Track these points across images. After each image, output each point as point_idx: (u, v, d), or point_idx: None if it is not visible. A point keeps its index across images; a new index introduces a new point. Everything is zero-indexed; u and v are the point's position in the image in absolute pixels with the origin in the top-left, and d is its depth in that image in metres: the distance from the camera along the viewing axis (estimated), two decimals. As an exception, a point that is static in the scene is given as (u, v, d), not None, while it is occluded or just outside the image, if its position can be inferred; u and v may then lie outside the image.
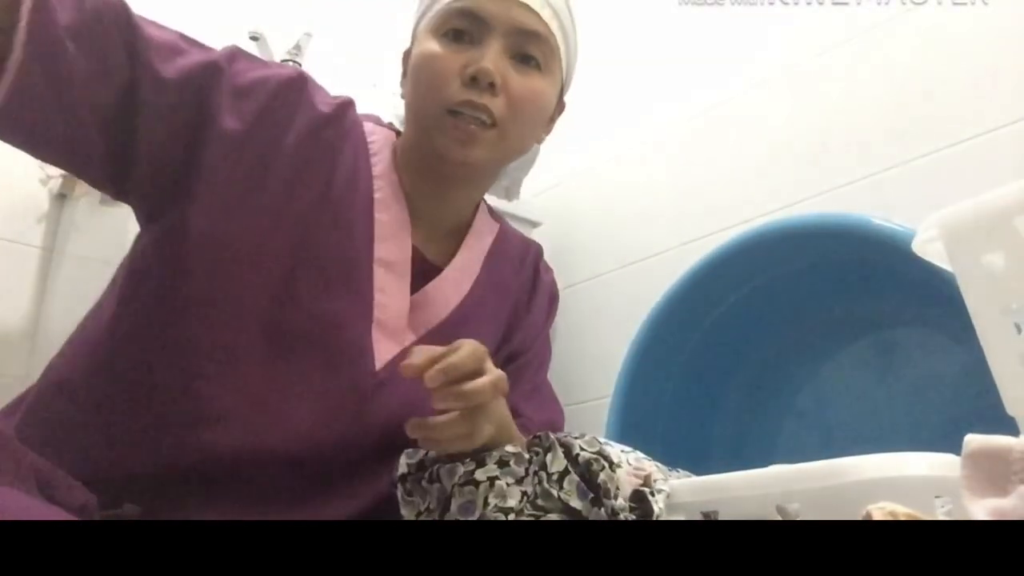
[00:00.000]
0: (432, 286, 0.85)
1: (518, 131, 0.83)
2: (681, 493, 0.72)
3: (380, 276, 0.80)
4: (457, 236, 0.91)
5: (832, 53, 1.37)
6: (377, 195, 0.82)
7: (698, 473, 0.79)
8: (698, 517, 0.68)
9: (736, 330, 1.28)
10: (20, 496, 0.51)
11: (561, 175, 1.85)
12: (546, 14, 0.82)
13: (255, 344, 0.74)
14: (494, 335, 0.92)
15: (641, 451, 0.83)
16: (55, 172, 1.46)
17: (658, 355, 1.28)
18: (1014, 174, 0.62)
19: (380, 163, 0.84)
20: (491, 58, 0.78)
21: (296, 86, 0.80)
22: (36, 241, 1.52)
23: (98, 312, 0.81)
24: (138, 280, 0.77)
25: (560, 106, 0.94)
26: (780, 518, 0.60)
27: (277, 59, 1.61)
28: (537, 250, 1.03)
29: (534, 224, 1.74)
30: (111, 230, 1.31)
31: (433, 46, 0.80)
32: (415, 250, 0.84)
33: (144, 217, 0.80)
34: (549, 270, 1.03)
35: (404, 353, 0.79)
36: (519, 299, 0.97)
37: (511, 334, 0.95)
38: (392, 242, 0.81)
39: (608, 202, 1.74)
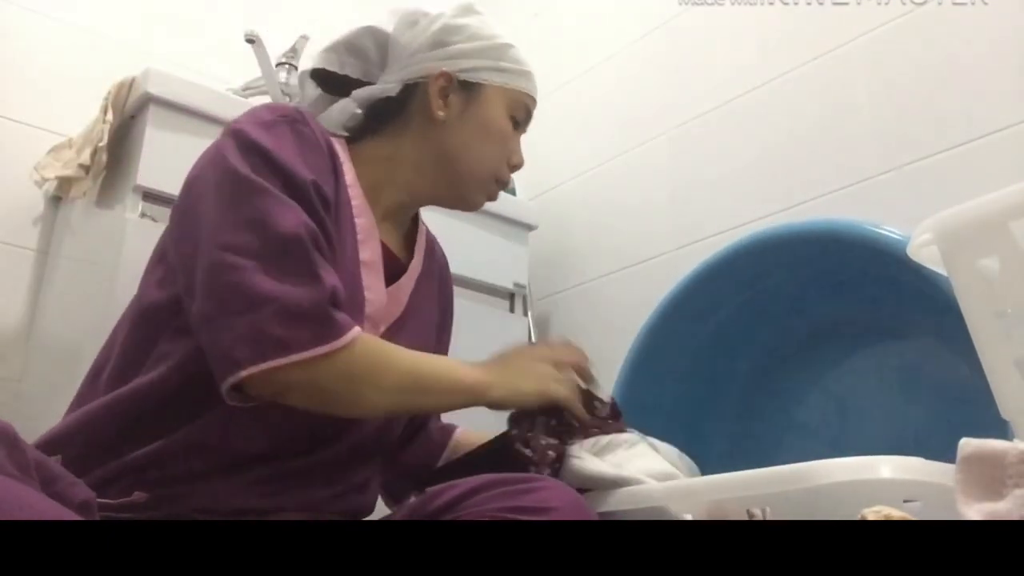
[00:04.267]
0: (401, 282, 0.96)
1: None
2: (655, 496, 0.73)
3: (365, 275, 0.89)
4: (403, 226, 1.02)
5: (828, 57, 1.37)
6: (354, 202, 0.90)
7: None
8: (673, 519, 0.69)
9: (735, 336, 1.28)
10: (23, 489, 0.52)
11: (557, 179, 1.85)
12: None
13: None
14: (434, 317, 1.04)
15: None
16: (50, 174, 1.45)
17: (657, 359, 1.28)
18: (1008, 178, 0.62)
19: (349, 171, 0.92)
20: (521, 153, 1.02)
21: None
22: (31, 243, 1.52)
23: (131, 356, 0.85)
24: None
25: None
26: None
27: (273, 62, 1.61)
28: (432, 235, 1.11)
29: (530, 227, 1.74)
30: (106, 232, 1.31)
31: (507, 125, 0.98)
32: (383, 245, 0.94)
33: None
34: (439, 245, 1.12)
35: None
36: (441, 279, 1.08)
37: (444, 313, 1.08)
38: (369, 244, 0.90)
39: (604, 206, 1.74)
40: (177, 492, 0.77)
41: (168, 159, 1.28)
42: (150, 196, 1.26)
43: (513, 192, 1.84)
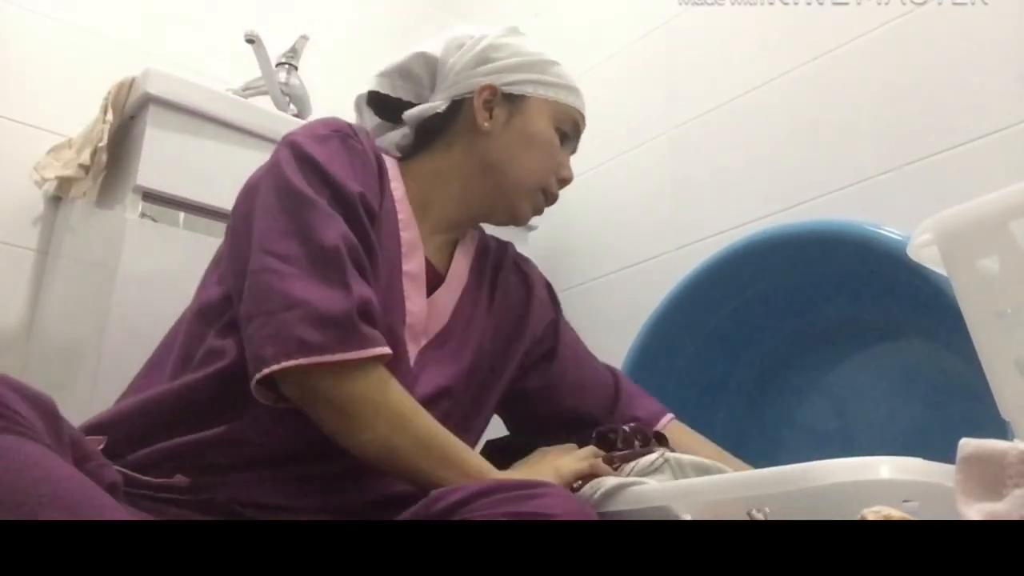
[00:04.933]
0: (437, 295, 0.97)
1: None
2: (655, 497, 0.73)
3: (407, 286, 0.92)
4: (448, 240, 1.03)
5: (827, 57, 1.37)
6: (401, 216, 0.94)
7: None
8: (674, 519, 0.69)
9: (734, 336, 1.28)
10: (55, 460, 0.56)
11: (557, 178, 1.85)
12: None
13: None
14: (492, 333, 1.02)
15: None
16: (50, 174, 1.45)
17: (657, 360, 1.28)
18: (1008, 178, 0.62)
19: (398, 187, 0.96)
20: (570, 167, 1.05)
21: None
22: (31, 243, 1.52)
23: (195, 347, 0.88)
24: None
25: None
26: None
27: (273, 62, 1.61)
28: (512, 249, 1.13)
29: (529, 227, 1.74)
30: (106, 232, 1.31)
31: (552, 137, 1.01)
32: (427, 261, 0.97)
33: None
34: (527, 260, 1.14)
35: (422, 353, 0.93)
36: (517, 297, 1.07)
37: (523, 329, 1.06)
38: (413, 257, 0.94)
39: (603, 206, 1.73)
40: (216, 481, 0.80)
41: (168, 159, 1.28)
42: (150, 196, 1.26)
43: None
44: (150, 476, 0.78)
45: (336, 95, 1.92)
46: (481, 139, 0.99)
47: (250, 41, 1.53)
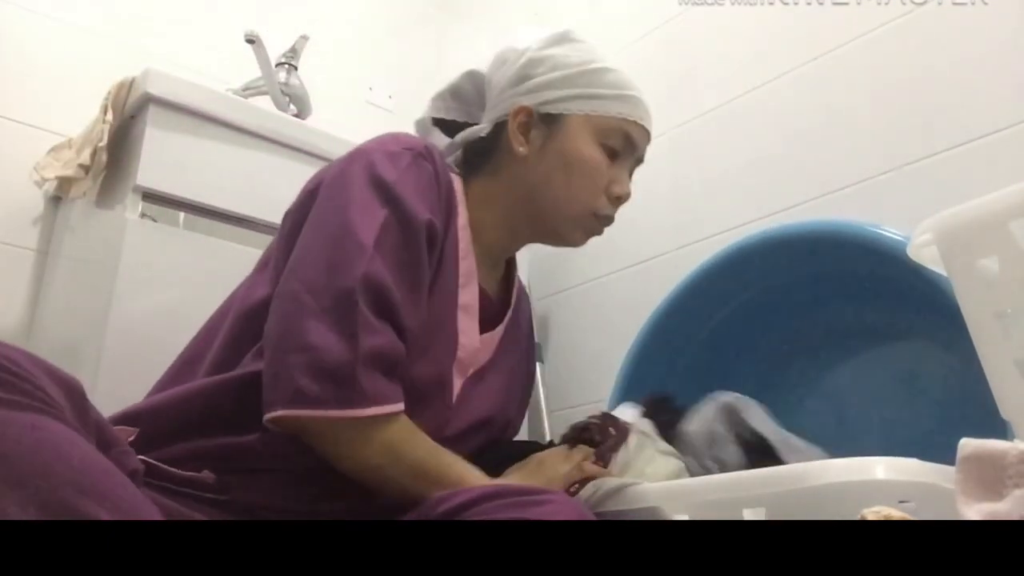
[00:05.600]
0: (496, 329, 0.95)
1: None
2: (650, 497, 0.73)
3: (461, 319, 0.89)
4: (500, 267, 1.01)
5: (827, 57, 1.37)
6: (461, 244, 0.91)
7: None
8: (670, 519, 0.69)
9: (734, 336, 1.28)
10: (79, 441, 0.56)
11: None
12: None
13: None
14: (520, 367, 1.01)
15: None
16: (50, 174, 1.45)
17: (657, 360, 1.28)
18: (1008, 178, 0.62)
19: (462, 214, 0.92)
20: (627, 182, 0.98)
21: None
22: (31, 243, 1.52)
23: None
24: None
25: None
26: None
27: (272, 62, 1.61)
28: (522, 282, 1.10)
29: (530, 227, 1.75)
30: (105, 232, 1.31)
31: (595, 155, 0.93)
32: (480, 290, 0.94)
33: None
34: (525, 292, 1.12)
35: (467, 387, 0.91)
36: (529, 335, 1.07)
37: (530, 364, 1.06)
38: (469, 287, 0.91)
39: (604, 206, 1.73)
40: (241, 482, 0.80)
41: (168, 159, 1.28)
42: (150, 196, 1.26)
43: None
44: (178, 467, 0.78)
45: (336, 95, 1.93)
46: (519, 165, 0.94)
47: (250, 41, 1.53)
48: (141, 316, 1.18)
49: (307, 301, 0.78)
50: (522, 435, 1.61)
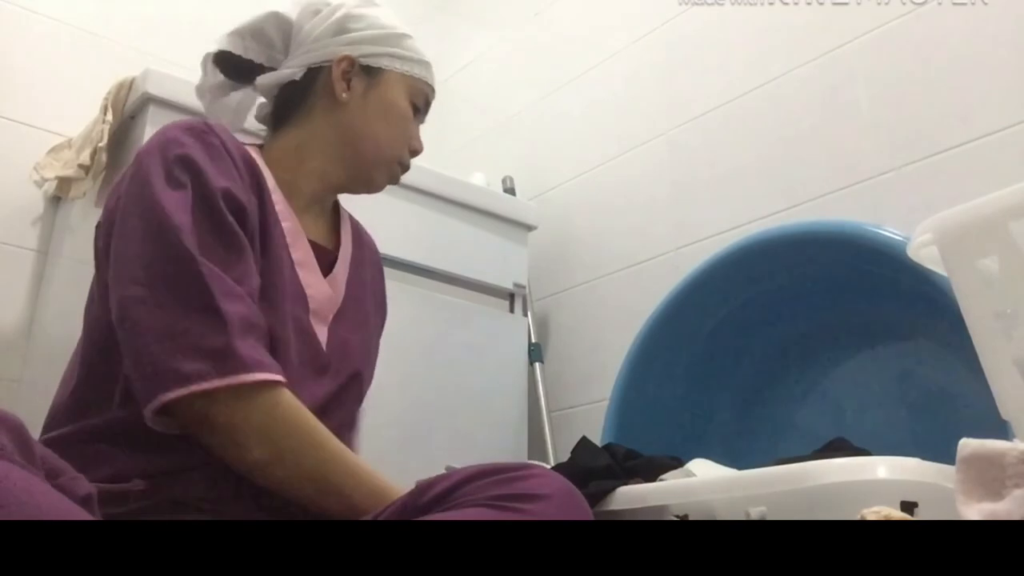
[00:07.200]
0: (335, 274, 0.98)
1: None
2: (653, 496, 0.73)
3: (303, 275, 0.93)
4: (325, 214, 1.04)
5: (827, 57, 1.37)
6: (278, 207, 0.93)
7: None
8: (671, 518, 0.69)
9: (734, 336, 1.28)
10: (30, 479, 0.54)
11: (557, 179, 1.85)
12: None
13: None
14: (370, 308, 1.04)
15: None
16: (50, 174, 1.45)
17: (656, 361, 1.28)
18: (1008, 178, 0.62)
19: (269, 178, 0.94)
20: (421, 139, 1.05)
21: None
22: (31, 243, 1.52)
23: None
24: None
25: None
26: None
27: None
28: (357, 221, 1.12)
29: (529, 228, 1.74)
30: (106, 232, 1.31)
31: (407, 109, 1.02)
32: (312, 243, 0.96)
33: None
34: (367, 232, 1.13)
35: (332, 332, 0.94)
36: (374, 272, 1.09)
37: (379, 308, 1.09)
38: (298, 244, 0.94)
39: (604, 206, 1.74)
40: (171, 481, 0.79)
41: (168, 159, 1.28)
42: (150, 196, 1.26)
43: (513, 192, 1.84)
44: (105, 480, 0.76)
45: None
46: (339, 110, 0.98)
47: (250, 41, 1.53)
48: (141, 316, 1.18)
49: (147, 296, 0.78)
50: (522, 435, 1.62)
